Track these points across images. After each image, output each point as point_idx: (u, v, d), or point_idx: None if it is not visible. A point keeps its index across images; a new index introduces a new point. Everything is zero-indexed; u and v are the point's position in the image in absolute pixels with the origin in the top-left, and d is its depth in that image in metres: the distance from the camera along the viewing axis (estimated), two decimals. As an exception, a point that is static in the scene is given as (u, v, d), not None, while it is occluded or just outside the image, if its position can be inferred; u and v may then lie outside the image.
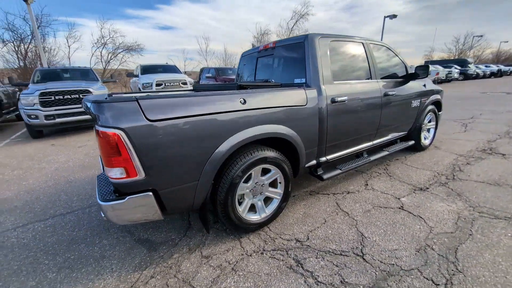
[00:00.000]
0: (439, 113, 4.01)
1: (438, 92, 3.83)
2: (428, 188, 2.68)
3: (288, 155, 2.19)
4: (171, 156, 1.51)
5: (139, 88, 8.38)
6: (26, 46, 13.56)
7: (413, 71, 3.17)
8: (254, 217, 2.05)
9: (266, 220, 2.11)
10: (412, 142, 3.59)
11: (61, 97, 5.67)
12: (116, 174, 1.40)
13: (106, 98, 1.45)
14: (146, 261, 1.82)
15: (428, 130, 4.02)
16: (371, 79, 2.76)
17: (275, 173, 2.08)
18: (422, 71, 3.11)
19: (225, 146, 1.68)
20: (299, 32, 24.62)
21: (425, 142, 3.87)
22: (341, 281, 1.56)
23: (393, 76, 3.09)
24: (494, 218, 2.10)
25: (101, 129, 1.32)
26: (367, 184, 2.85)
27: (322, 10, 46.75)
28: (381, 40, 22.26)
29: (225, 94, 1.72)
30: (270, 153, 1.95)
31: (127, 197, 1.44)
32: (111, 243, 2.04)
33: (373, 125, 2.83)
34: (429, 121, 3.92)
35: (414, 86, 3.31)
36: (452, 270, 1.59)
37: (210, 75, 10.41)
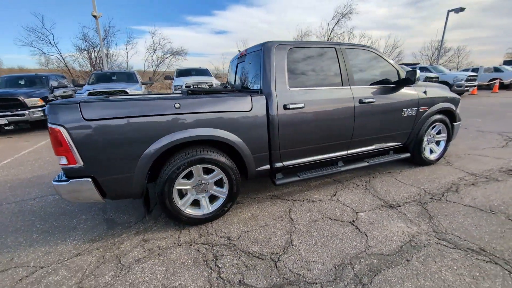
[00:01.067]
0: (455, 123, 3.49)
1: (450, 100, 3.34)
2: (399, 206, 2.44)
3: (236, 158, 2.30)
4: (107, 150, 1.82)
5: (173, 90, 9.32)
6: (95, 53, 16.57)
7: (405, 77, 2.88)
8: (195, 212, 2.24)
9: (209, 217, 2.27)
10: (406, 155, 3.24)
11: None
12: (62, 161, 1.77)
13: (57, 102, 1.84)
14: (101, 236, 2.19)
15: (437, 143, 3.54)
16: (342, 85, 2.64)
17: (218, 173, 2.22)
18: (409, 77, 2.80)
19: (157, 145, 1.92)
20: (341, 32, 23.26)
21: (430, 156, 3.43)
22: (239, 280, 1.64)
23: (381, 82, 2.87)
24: (452, 248, 1.83)
25: (49, 125, 1.71)
26: (334, 195, 2.73)
27: (383, 6, 42.94)
28: (443, 38, 19.61)
29: (161, 99, 1.96)
30: (209, 154, 2.11)
31: (70, 180, 1.81)
32: (86, 218, 2.49)
33: (345, 134, 2.70)
34: (438, 133, 3.45)
35: (406, 93, 2.99)
36: (356, 291, 1.51)
37: None
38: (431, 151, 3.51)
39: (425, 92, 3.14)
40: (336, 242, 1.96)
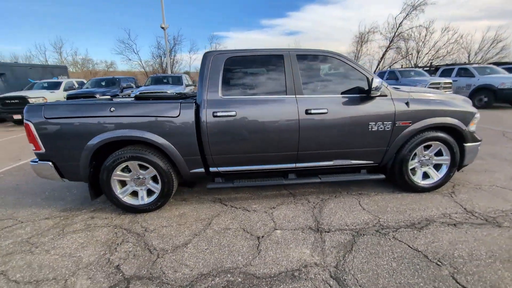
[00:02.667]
0: (467, 144, 2.72)
1: (452, 114, 2.62)
2: (326, 232, 2.16)
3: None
4: (60, 141, 2.36)
5: None
6: (166, 59, 19.80)
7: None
8: (132, 202, 2.59)
9: (144, 208, 2.59)
10: (380, 177, 2.75)
11: (150, 96, 8.12)
12: (32, 146, 2.41)
13: (31, 104, 2.48)
14: (71, 208, 2.80)
15: (437, 166, 2.84)
16: (287, 94, 2.49)
17: (151, 170, 2.51)
18: (359, 87, 2.38)
19: (94, 141, 2.34)
20: (410, 28, 19.73)
21: (421, 181, 2.80)
22: (117, 265, 1.88)
23: (349, 91, 2.56)
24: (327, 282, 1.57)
25: (24, 120, 2.36)
26: (273, 207, 2.62)
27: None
28: None
29: (99, 104, 2.38)
30: (142, 153, 2.42)
31: (38, 162, 2.43)
32: (76, 193, 3.19)
33: (288, 146, 2.54)
34: (438, 154, 2.77)
35: (376, 104, 2.53)
36: None
37: None
38: (426, 176, 2.85)
39: (407, 104, 2.58)
40: (224, 253, 1.95)
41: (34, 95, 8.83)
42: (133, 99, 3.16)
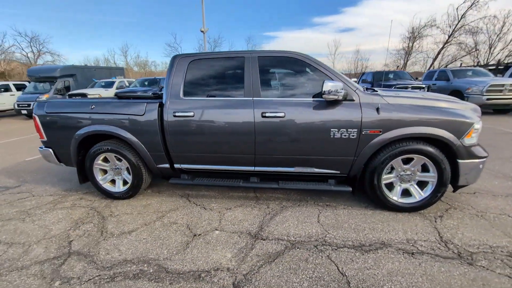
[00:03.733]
0: (461, 160, 2.26)
1: (437, 123, 2.19)
2: (262, 240, 2.09)
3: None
4: (56, 132, 2.84)
5: None
6: None
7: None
8: (110, 188, 2.93)
9: (118, 195, 2.91)
10: (346, 189, 2.48)
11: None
12: (39, 135, 2.95)
13: (40, 100, 3.02)
14: (72, 189, 3.33)
15: (422, 183, 2.43)
16: (244, 96, 2.47)
17: (124, 162, 2.81)
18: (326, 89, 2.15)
19: (79, 133, 2.74)
20: (475, 19, 16.31)
21: (399, 199, 2.43)
22: (69, 238, 2.19)
23: (317, 94, 2.41)
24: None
25: (32, 114, 2.91)
26: (230, 209, 2.64)
27: None
28: None
29: (84, 101, 2.77)
30: (116, 147, 2.73)
31: (43, 148, 2.97)
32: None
33: (245, 149, 2.52)
34: (424, 170, 2.37)
35: (340, 109, 2.30)
36: None
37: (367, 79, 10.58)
38: (406, 193, 2.46)
39: (377, 110, 2.27)
40: (156, 244, 2.08)
41: (92, 92, 10.53)
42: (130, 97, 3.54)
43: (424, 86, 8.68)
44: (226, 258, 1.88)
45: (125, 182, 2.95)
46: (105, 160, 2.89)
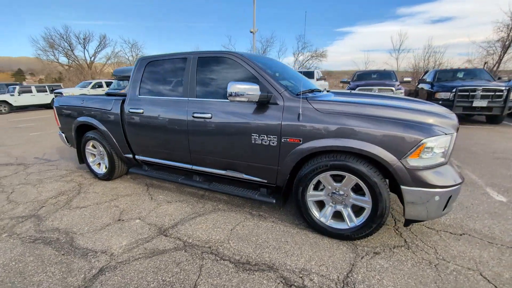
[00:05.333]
0: (405, 187, 1.74)
1: (371, 138, 1.74)
2: (164, 236, 2.15)
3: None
4: (64, 120, 3.60)
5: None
6: None
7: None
8: (96, 170, 3.52)
9: (101, 177, 3.46)
10: (269, 200, 2.25)
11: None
12: (56, 123, 3.80)
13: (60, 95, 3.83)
14: (79, 167, 4.13)
15: (356, 207, 1.98)
16: (182, 96, 2.54)
17: (101, 150, 3.33)
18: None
19: (75, 122, 3.40)
20: None
21: (325, 221, 2.06)
22: (36, 203, 2.78)
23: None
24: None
25: (52, 106, 3.76)
26: (169, 202, 2.78)
27: None
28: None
29: (79, 97, 3.39)
30: (96, 136, 3.26)
31: (59, 133, 3.81)
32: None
33: (180, 147, 2.61)
34: (360, 193, 1.94)
35: (263, 113, 2.09)
36: None
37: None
38: (338, 216, 2.05)
39: (298, 116, 1.96)
40: (84, 220, 2.42)
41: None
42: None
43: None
44: (119, 245, 2.04)
45: (106, 167, 3.49)
46: (94, 146, 3.48)
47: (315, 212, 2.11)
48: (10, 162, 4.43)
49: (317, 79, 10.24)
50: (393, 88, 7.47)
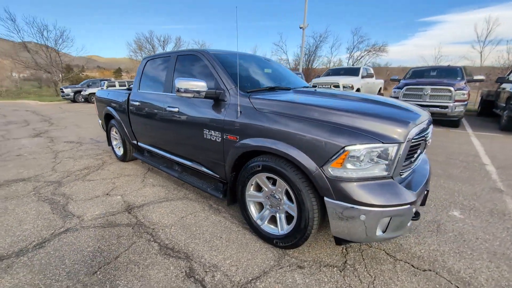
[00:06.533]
0: (327, 199, 1.54)
1: (294, 141, 1.58)
2: (128, 212, 2.46)
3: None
4: (99, 109, 4.41)
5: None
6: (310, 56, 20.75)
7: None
8: (117, 152, 4.20)
9: (120, 159, 4.12)
10: (217, 195, 2.28)
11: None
12: (96, 112, 4.67)
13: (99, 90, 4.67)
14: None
15: (286, 214, 1.83)
16: (163, 91, 2.80)
17: (119, 136, 3.95)
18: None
19: (103, 112, 4.13)
20: None
21: (261, 223, 1.98)
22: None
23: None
24: (54, 233, 2.13)
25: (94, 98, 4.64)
26: (154, 186, 3.12)
27: None
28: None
29: (107, 91, 4.08)
30: (116, 124, 3.90)
31: (98, 120, 4.69)
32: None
33: (162, 137, 2.90)
34: (289, 198, 1.81)
35: (214, 108, 2.14)
36: None
37: None
38: (278, 221, 1.93)
39: (237, 113, 1.91)
40: (84, 188, 2.97)
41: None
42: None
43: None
44: (91, 214, 2.45)
45: (122, 150, 4.12)
46: (116, 132, 4.15)
47: (253, 213, 2.05)
48: (73, 141, 5.68)
49: (363, 77, 9.18)
50: (452, 89, 6.15)
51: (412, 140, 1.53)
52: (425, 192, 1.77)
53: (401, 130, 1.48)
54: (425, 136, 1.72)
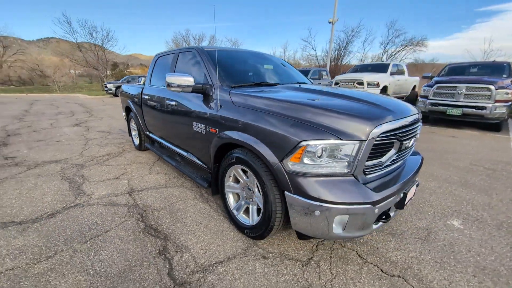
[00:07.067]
0: (286, 193, 1.57)
1: (260, 134, 1.61)
2: (128, 195, 2.74)
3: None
4: (123, 102, 4.87)
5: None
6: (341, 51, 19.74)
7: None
8: (135, 142, 4.62)
9: (137, 147, 4.53)
10: (202, 183, 2.42)
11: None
12: (121, 105, 5.16)
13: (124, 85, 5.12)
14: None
15: (258, 207, 1.88)
16: (164, 86, 3.01)
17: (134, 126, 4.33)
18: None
19: (124, 104, 4.55)
20: None
21: (237, 213, 2.05)
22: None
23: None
24: (66, 207, 2.48)
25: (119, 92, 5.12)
26: (158, 173, 3.39)
27: None
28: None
29: (127, 86, 4.48)
30: (132, 115, 4.29)
31: (123, 112, 5.18)
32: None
33: (165, 129, 3.13)
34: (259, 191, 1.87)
35: (202, 102, 2.27)
36: None
37: None
38: (250, 212, 1.99)
39: (218, 107, 2.00)
40: (99, 172, 3.35)
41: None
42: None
43: None
44: (99, 193, 2.78)
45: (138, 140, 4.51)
46: (134, 123, 4.56)
47: (231, 203, 2.15)
48: (105, 130, 6.35)
49: (392, 73, 8.54)
50: (492, 87, 5.43)
51: (377, 139, 1.46)
52: (401, 195, 1.67)
53: (363, 128, 1.43)
54: (401, 135, 1.63)
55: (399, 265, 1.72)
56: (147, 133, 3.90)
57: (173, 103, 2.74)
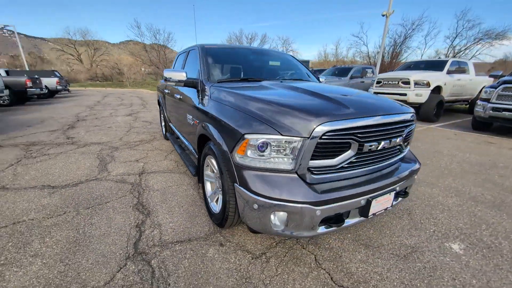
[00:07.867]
0: (235, 185, 1.62)
1: (219, 126, 1.68)
2: (138, 175, 3.14)
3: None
4: (157, 95, 5.50)
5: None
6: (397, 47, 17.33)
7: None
8: (163, 131, 5.18)
9: (164, 136, 5.08)
10: (191, 170, 2.60)
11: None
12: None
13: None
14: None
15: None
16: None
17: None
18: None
19: (158, 98, 5.14)
20: None
21: (210, 200, 2.17)
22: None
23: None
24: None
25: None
26: (171, 160, 3.77)
27: None
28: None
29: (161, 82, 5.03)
30: (160, 107, 4.82)
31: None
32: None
33: (176, 120, 3.45)
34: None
35: (193, 96, 2.45)
36: (98, 157, 3.89)
37: None
38: (218, 201, 2.09)
39: (199, 101, 2.13)
40: (126, 154, 3.90)
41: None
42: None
43: None
44: (117, 171, 3.26)
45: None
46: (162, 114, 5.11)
47: (208, 191, 2.28)
48: (148, 120, 7.24)
49: (449, 72, 7.29)
50: None
51: (323, 137, 1.38)
52: (364, 202, 1.53)
53: (306, 124, 1.37)
54: (360, 136, 1.48)
55: (354, 277, 1.58)
56: (170, 124, 4.33)
57: (179, 96, 3.01)
